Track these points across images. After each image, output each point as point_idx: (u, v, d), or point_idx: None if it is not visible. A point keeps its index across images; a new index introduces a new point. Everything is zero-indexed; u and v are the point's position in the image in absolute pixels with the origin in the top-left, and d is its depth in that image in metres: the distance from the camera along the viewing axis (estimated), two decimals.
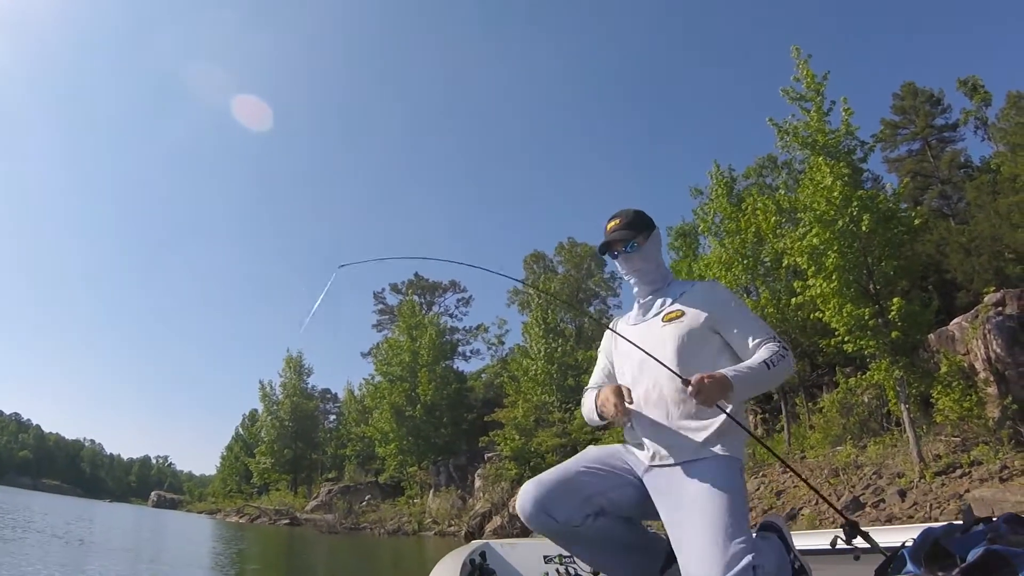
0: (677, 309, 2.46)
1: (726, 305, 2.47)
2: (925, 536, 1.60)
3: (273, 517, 42.84)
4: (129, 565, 13.24)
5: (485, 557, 3.16)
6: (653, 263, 2.61)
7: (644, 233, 2.59)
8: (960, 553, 1.44)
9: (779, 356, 2.30)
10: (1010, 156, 21.40)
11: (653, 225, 2.65)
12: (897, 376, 13.21)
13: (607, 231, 2.60)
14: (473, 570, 2.99)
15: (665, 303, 2.53)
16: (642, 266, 2.58)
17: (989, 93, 27.59)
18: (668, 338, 2.40)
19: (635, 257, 2.58)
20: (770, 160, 29.99)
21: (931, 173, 28.47)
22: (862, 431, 16.91)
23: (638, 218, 2.62)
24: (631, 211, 2.64)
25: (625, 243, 2.57)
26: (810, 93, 14.61)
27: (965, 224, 21.98)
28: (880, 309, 13.29)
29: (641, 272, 2.59)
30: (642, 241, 2.58)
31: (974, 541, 1.45)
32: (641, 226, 2.60)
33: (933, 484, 12.27)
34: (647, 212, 2.67)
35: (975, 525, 1.55)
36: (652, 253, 2.61)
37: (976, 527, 1.54)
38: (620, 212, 2.64)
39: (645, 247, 2.58)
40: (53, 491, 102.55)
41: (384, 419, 35.77)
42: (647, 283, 2.60)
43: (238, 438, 67.56)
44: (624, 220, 2.60)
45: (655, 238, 2.64)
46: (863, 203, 13.45)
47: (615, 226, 2.59)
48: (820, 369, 22.97)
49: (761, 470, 18.06)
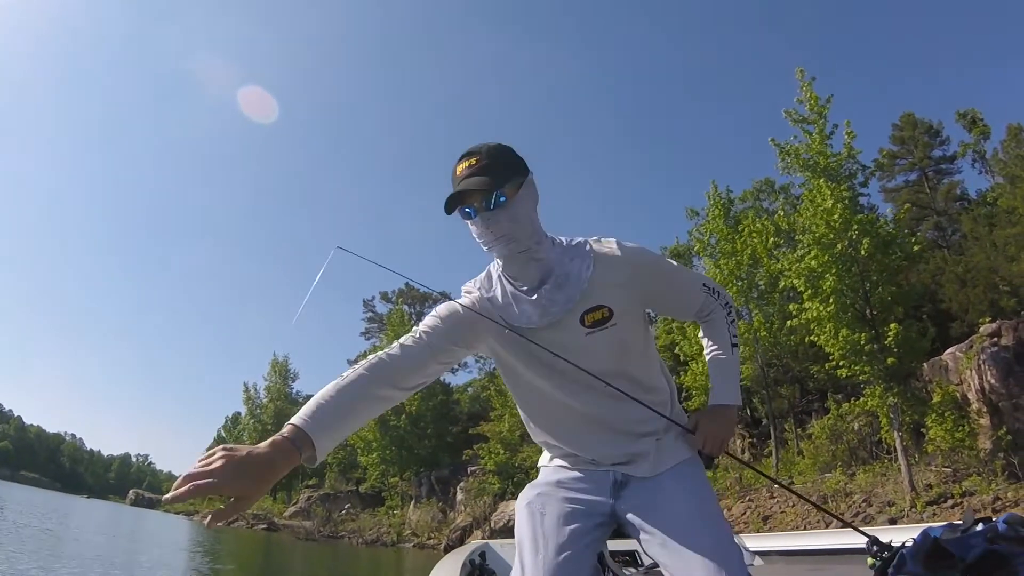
0: (598, 306, 1.75)
1: (657, 278, 1.84)
2: (925, 536, 1.58)
3: (250, 521, 42.34)
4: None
5: (485, 557, 3.07)
6: (528, 224, 1.73)
7: (514, 181, 1.71)
8: (960, 553, 1.43)
9: (732, 320, 1.97)
10: (1009, 188, 21.41)
11: (526, 168, 1.76)
12: (891, 403, 13.07)
13: (457, 177, 1.70)
14: (473, 570, 2.91)
15: (572, 295, 1.74)
16: (511, 229, 1.70)
17: (988, 126, 27.73)
18: (601, 352, 1.77)
19: (502, 217, 1.69)
20: (767, 184, 30.11)
21: (927, 204, 28.51)
22: (851, 458, 16.76)
23: (503, 157, 1.73)
24: (493, 146, 1.74)
25: (486, 196, 1.67)
26: (813, 116, 14.57)
27: (960, 256, 21.96)
28: (876, 335, 13.16)
29: (509, 238, 1.70)
30: (512, 192, 1.70)
31: (974, 541, 1.44)
32: (509, 169, 1.71)
33: (924, 514, 12.10)
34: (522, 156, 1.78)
35: (975, 525, 1.54)
36: (525, 209, 1.73)
37: (976, 527, 1.52)
38: (476, 148, 1.72)
39: (516, 201, 1.70)
40: (31, 484, 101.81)
41: (367, 427, 35.37)
42: (519, 252, 1.73)
43: (220, 440, 66.87)
44: (483, 160, 1.69)
45: (529, 187, 1.75)
46: (863, 227, 13.37)
47: (469, 168, 1.69)
48: (810, 395, 22.89)
49: (748, 494, 17.86)
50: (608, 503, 1.81)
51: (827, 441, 17.59)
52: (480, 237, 1.74)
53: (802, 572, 3.57)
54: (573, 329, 1.75)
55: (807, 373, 20.38)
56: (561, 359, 1.74)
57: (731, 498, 18.08)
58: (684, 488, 1.76)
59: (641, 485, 1.80)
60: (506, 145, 1.76)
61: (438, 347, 1.75)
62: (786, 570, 3.67)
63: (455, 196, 1.67)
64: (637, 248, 1.81)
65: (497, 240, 1.71)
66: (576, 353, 1.74)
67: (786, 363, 21.89)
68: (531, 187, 1.76)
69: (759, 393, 22.18)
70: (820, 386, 20.83)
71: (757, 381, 21.21)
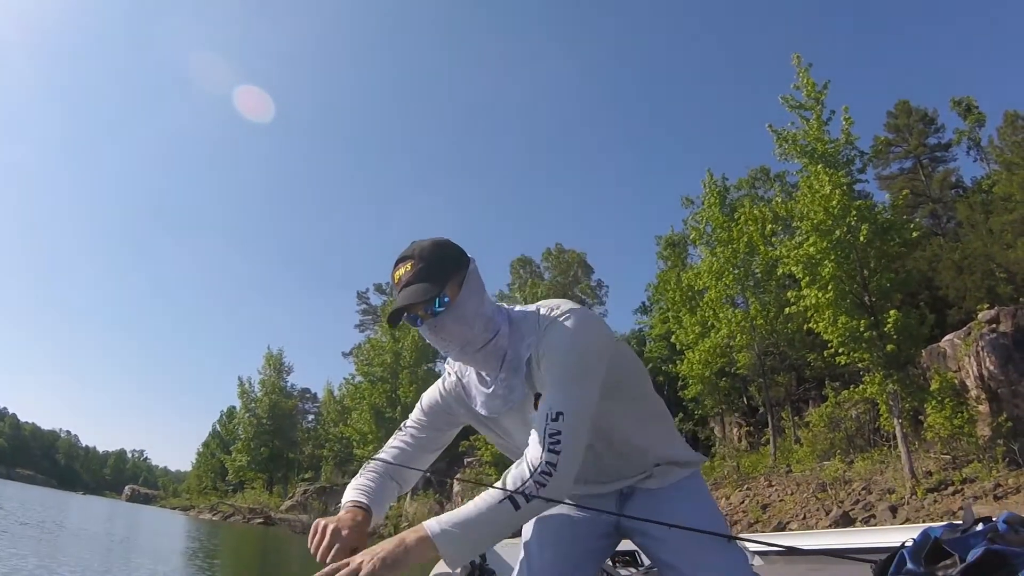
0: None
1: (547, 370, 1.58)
2: (925, 536, 1.53)
3: (247, 516, 42.39)
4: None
5: (484, 558, 2.98)
6: (477, 319, 1.61)
7: (455, 278, 1.60)
8: (960, 553, 1.38)
9: (532, 496, 1.45)
10: (1006, 175, 21.38)
11: (465, 258, 1.65)
12: (891, 390, 13.02)
13: (395, 284, 1.61)
14: (473, 570, 2.83)
15: (524, 379, 1.65)
16: (460, 331, 1.60)
17: (983, 114, 27.76)
18: None
19: (448, 321, 1.59)
20: (763, 172, 30.07)
21: (922, 192, 28.53)
22: (850, 446, 16.74)
23: (439, 255, 1.61)
24: (426, 246, 1.62)
25: (427, 304, 1.57)
26: (810, 102, 14.48)
27: (957, 243, 21.95)
28: (875, 321, 13.09)
29: (461, 341, 1.61)
30: (454, 291, 1.59)
31: (974, 541, 1.39)
32: (447, 268, 1.60)
33: (925, 501, 12.07)
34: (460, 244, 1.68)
35: (975, 525, 1.49)
36: (472, 305, 1.61)
37: (976, 527, 1.48)
38: (409, 252, 1.61)
39: (460, 300, 1.59)
40: (26, 481, 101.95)
41: (363, 420, 35.56)
42: (475, 352, 1.64)
43: (215, 435, 66.82)
44: (418, 264, 1.58)
45: (472, 279, 1.64)
46: (861, 213, 13.30)
47: (406, 275, 1.58)
48: (807, 383, 22.91)
49: (746, 483, 17.87)
50: (613, 516, 1.80)
51: (825, 429, 17.58)
52: (432, 343, 1.66)
53: (802, 572, 3.51)
54: (521, 410, 1.69)
55: (804, 361, 20.36)
56: (511, 437, 1.77)
57: (729, 487, 18.08)
58: (686, 496, 1.78)
59: (647, 495, 1.81)
60: (441, 240, 1.66)
61: (429, 440, 1.86)
62: (786, 570, 3.61)
63: (395, 312, 1.59)
64: (559, 332, 1.59)
65: (449, 345, 1.63)
66: (524, 431, 1.65)
67: (783, 351, 21.87)
68: (474, 278, 1.65)
69: (756, 381, 22.18)
70: (817, 374, 20.83)
71: (754, 369, 21.20)
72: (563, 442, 1.47)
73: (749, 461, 20.32)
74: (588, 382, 1.55)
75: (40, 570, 10.10)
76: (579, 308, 1.64)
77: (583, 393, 1.53)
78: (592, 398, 1.55)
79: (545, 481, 1.44)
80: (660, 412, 1.86)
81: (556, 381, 1.54)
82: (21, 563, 10.39)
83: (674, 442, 1.87)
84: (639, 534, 1.78)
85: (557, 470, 1.45)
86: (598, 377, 1.57)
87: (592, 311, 1.70)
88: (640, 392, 1.80)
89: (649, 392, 1.83)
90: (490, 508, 1.44)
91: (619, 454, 1.79)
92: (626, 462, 1.80)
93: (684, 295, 22.19)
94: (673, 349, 24.55)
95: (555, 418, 1.48)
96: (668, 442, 1.85)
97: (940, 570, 1.43)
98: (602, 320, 1.70)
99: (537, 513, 1.51)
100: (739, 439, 24.26)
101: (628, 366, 1.75)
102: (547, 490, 1.45)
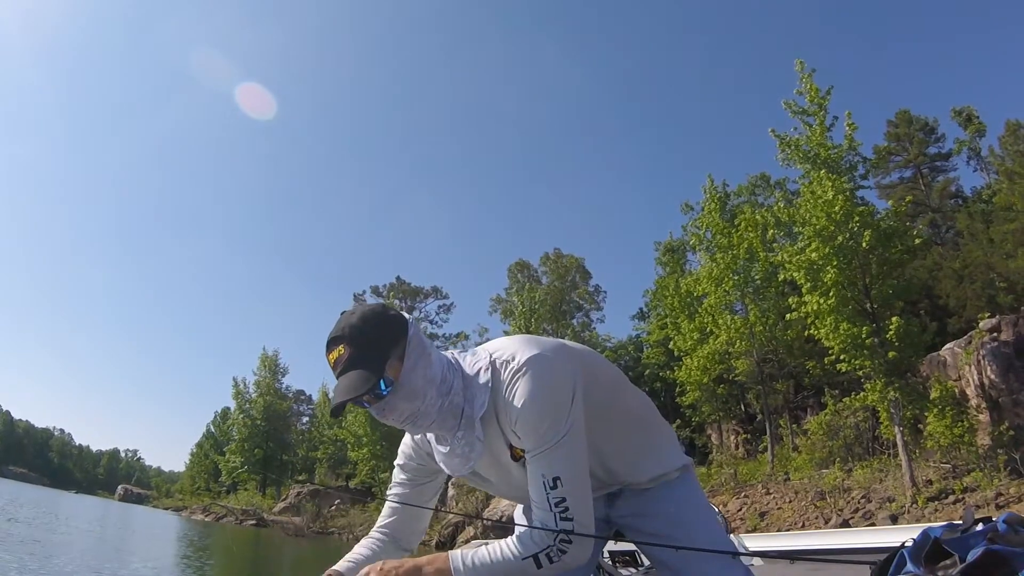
0: (518, 446, 1.53)
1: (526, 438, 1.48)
2: (925, 536, 1.50)
3: (240, 517, 42.21)
4: None
5: None
6: (427, 389, 1.49)
7: (394, 355, 1.46)
8: (960, 553, 1.37)
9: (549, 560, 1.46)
10: (1007, 184, 21.36)
11: (401, 328, 1.50)
12: (892, 398, 12.93)
13: (331, 368, 1.48)
14: None
15: (479, 435, 1.55)
16: (412, 407, 1.48)
17: (983, 124, 27.80)
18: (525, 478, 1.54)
19: (397, 401, 1.47)
20: (763, 179, 30.07)
21: (922, 201, 28.52)
22: (848, 454, 16.65)
23: (371, 335, 1.46)
24: (355, 326, 1.47)
25: (370, 390, 1.42)
26: (813, 107, 14.45)
27: (957, 252, 21.92)
28: (877, 328, 13.01)
29: (414, 416, 1.50)
30: (395, 369, 1.46)
31: (974, 541, 1.38)
32: (383, 347, 1.46)
33: (926, 510, 11.98)
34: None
35: (975, 525, 1.47)
36: (418, 376, 1.48)
37: (976, 527, 1.46)
38: (339, 332, 1.47)
39: (404, 376, 1.47)
40: (19, 479, 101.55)
41: (358, 423, 35.39)
42: (431, 424, 1.53)
43: (209, 435, 66.73)
44: (350, 350, 1.44)
45: (413, 347, 1.50)
46: (864, 220, 13.23)
47: (339, 362, 1.45)
48: (805, 391, 22.83)
49: (744, 491, 17.77)
50: (602, 512, 1.77)
51: (824, 437, 17.48)
52: (385, 423, 1.54)
53: (802, 572, 3.42)
54: (495, 459, 1.62)
55: (803, 368, 20.29)
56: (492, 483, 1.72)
57: (727, 494, 17.97)
58: (677, 494, 1.74)
59: (636, 493, 1.76)
60: (370, 312, 1.51)
61: (416, 496, 1.80)
62: (786, 570, 3.53)
63: (339, 404, 1.44)
64: (522, 396, 1.46)
65: (404, 423, 1.52)
66: (506, 479, 1.66)
67: (781, 358, 21.80)
68: (415, 344, 1.51)
69: (754, 388, 22.09)
70: (816, 382, 20.75)
71: (752, 376, 21.12)
72: (571, 507, 1.44)
73: (746, 468, 20.23)
74: (571, 438, 1.47)
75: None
76: (533, 356, 1.49)
77: (570, 451, 1.47)
78: (580, 448, 1.49)
79: (566, 548, 1.43)
80: (641, 417, 1.78)
81: (538, 450, 1.46)
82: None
83: (661, 448, 1.78)
84: (632, 530, 1.78)
85: (575, 534, 1.44)
86: (579, 425, 1.49)
87: (546, 350, 1.53)
88: (619, 407, 1.71)
89: (628, 400, 1.75)
90: (516, 560, 1.44)
91: (608, 470, 1.72)
92: (613, 477, 1.73)
93: (683, 301, 22.16)
94: (671, 355, 24.48)
95: (553, 485, 1.45)
96: (655, 449, 1.77)
97: (940, 570, 1.41)
98: (561, 356, 1.54)
99: (558, 573, 1.46)
100: (736, 446, 24.18)
101: (601, 388, 1.64)
102: (570, 555, 1.44)
